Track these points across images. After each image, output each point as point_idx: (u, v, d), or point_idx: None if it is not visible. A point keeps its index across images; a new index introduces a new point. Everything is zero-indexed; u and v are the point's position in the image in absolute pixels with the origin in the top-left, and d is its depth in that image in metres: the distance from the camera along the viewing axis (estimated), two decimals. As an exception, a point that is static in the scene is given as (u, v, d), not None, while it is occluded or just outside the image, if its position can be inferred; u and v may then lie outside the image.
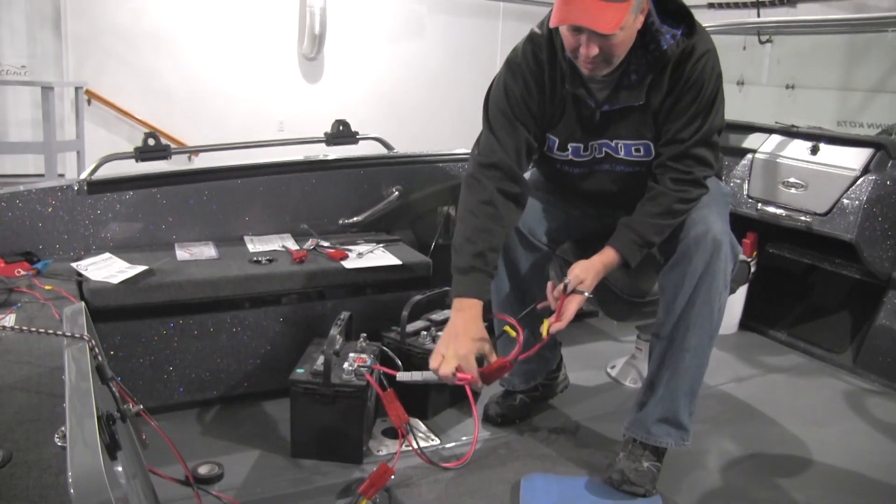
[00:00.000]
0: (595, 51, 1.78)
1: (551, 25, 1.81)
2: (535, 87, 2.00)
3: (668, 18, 1.89)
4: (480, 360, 1.88)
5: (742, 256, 2.50)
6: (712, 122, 1.93)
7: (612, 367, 2.80)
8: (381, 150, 3.14)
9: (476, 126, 2.12)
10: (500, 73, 2.06)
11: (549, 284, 1.96)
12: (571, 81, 1.95)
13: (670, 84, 1.90)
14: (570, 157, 2.08)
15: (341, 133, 3.01)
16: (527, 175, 2.14)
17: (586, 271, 1.90)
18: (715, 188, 2.07)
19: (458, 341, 1.85)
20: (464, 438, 2.26)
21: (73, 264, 2.34)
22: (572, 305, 1.88)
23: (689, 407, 2.01)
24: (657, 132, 1.97)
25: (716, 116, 1.93)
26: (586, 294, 1.90)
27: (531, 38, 2.00)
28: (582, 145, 2.05)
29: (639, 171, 2.04)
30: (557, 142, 2.07)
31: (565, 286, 1.89)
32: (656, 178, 1.97)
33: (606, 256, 1.94)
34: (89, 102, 7.74)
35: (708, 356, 2.01)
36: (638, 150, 2.01)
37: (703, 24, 1.98)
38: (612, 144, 2.02)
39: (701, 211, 1.96)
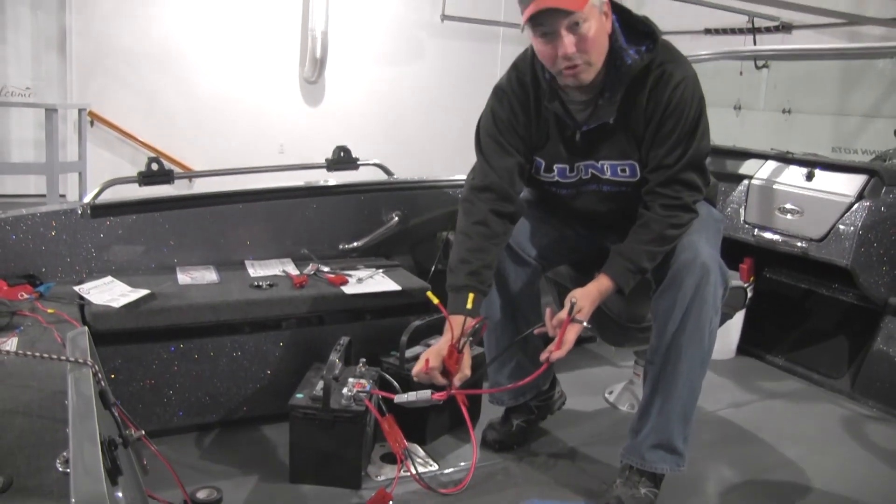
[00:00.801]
0: (571, 46, 1.83)
1: (523, 22, 1.87)
2: (521, 111, 2.08)
3: (635, 39, 1.96)
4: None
5: (739, 282, 2.52)
6: (697, 146, 1.96)
7: (611, 393, 2.81)
8: (382, 176, 3.17)
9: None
10: (489, 100, 2.14)
11: (548, 311, 1.97)
12: (550, 99, 2.01)
13: (650, 110, 1.95)
14: (557, 178, 2.14)
15: (342, 159, 3.04)
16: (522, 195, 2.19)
17: (583, 299, 1.92)
18: (706, 213, 2.10)
19: (435, 346, 1.96)
20: (462, 464, 2.26)
21: (76, 287, 2.35)
22: (571, 333, 1.90)
23: (683, 432, 2.02)
24: (642, 155, 2.01)
25: (700, 141, 1.97)
26: (584, 323, 1.92)
27: (515, 65, 2.10)
28: (567, 166, 2.10)
29: (625, 191, 2.08)
30: (544, 164, 2.13)
31: (572, 307, 1.90)
32: (646, 204, 2.00)
33: (601, 283, 1.96)
34: (92, 124, 7.79)
35: (700, 381, 2.02)
36: (624, 171, 2.06)
37: (701, 51, 2.03)
38: (598, 165, 2.07)
39: (690, 237, 1.99)
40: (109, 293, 2.32)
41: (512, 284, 2.21)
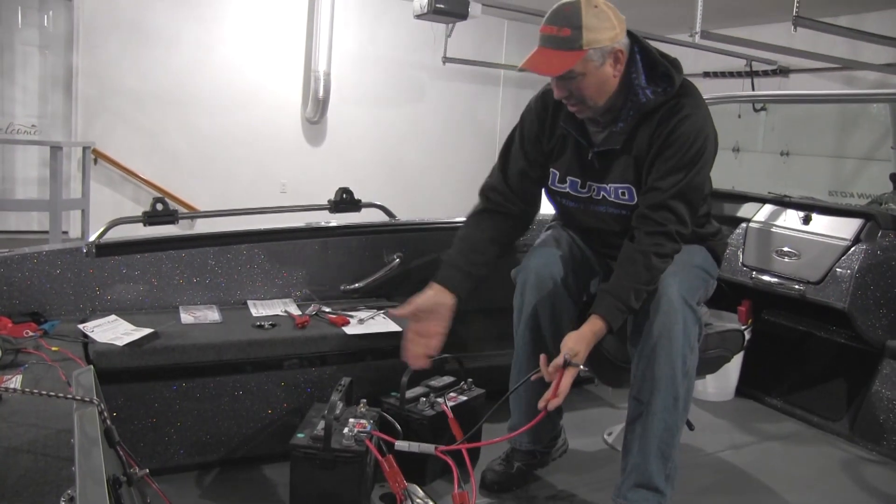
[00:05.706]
0: (562, 91, 2.00)
1: (517, 70, 2.04)
2: (538, 124, 2.21)
3: (655, 79, 2.04)
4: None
5: (737, 324, 2.54)
6: (693, 178, 2.00)
7: (609, 434, 2.81)
8: (383, 217, 3.20)
9: (476, 190, 2.30)
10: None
11: (543, 358, 1.97)
12: (567, 120, 2.13)
13: (656, 136, 2.02)
14: (568, 190, 2.21)
15: (345, 201, 3.07)
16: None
17: (578, 343, 1.93)
18: (701, 260, 2.16)
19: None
20: (461, 505, 2.26)
21: (80, 326, 2.37)
22: (567, 379, 1.90)
23: (662, 470, 2.02)
24: (642, 181, 2.07)
25: (697, 174, 2.01)
26: (580, 366, 1.93)
27: (544, 89, 2.22)
28: (580, 181, 2.18)
29: (626, 215, 2.13)
30: (558, 174, 2.22)
31: (565, 361, 1.90)
32: (632, 233, 2.04)
33: (594, 324, 1.97)
34: (95, 162, 7.85)
35: (677, 419, 2.03)
36: (623, 194, 2.11)
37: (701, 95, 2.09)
38: (607, 187, 2.14)
39: (664, 276, 2.02)
40: (113, 332, 2.34)
41: (540, 316, 2.21)
